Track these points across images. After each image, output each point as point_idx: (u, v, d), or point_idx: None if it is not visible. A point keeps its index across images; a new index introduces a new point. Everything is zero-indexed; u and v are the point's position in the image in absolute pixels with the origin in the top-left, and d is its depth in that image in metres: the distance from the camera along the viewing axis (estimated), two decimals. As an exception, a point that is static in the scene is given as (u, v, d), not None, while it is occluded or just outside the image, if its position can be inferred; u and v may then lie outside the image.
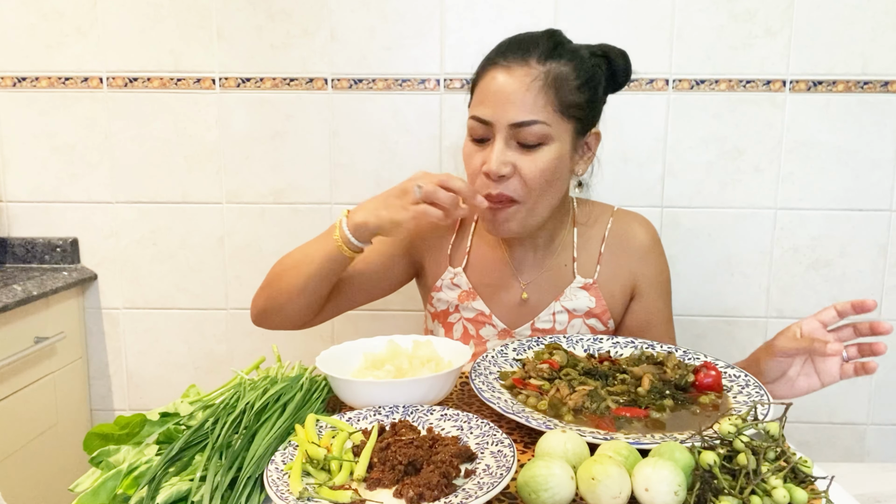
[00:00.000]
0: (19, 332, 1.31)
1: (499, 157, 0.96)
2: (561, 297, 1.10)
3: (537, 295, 1.10)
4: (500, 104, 0.96)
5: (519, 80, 0.96)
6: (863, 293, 1.49)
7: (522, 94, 0.95)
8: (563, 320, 1.10)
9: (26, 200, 1.51)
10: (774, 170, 1.46)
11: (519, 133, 0.96)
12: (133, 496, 0.61)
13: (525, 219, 1.01)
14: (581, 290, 1.10)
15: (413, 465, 0.62)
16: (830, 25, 1.41)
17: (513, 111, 0.95)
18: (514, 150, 0.97)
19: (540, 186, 0.99)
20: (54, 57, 1.46)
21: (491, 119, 0.97)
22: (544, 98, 0.96)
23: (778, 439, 0.60)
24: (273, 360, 0.91)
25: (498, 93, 0.96)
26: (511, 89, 0.95)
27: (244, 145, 1.49)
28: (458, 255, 1.15)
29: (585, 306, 1.09)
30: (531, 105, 0.95)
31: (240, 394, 0.76)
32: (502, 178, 0.97)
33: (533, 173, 0.97)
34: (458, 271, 1.14)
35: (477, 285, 1.13)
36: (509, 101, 0.95)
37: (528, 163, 0.97)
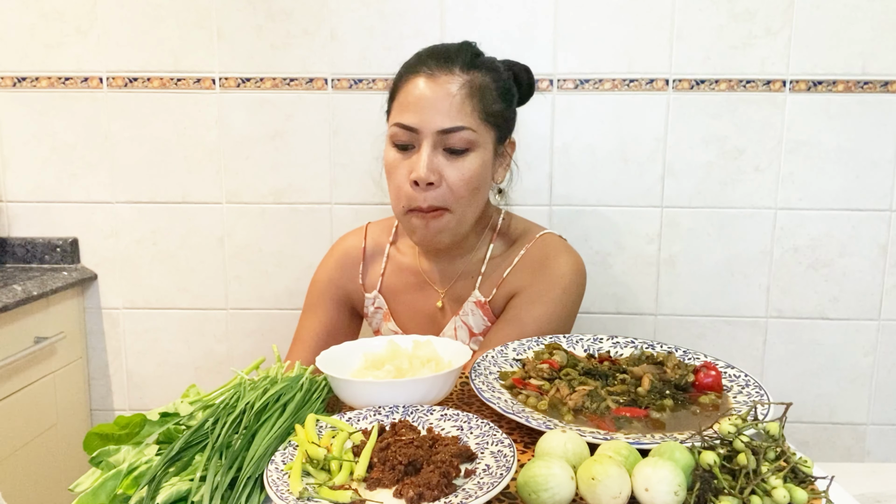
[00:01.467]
0: (19, 332, 1.31)
1: (427, 163, 0.95)
2: (461, 311, 1.09)
3: (448, 305, 1.11)
4: (427, 110, 0.96)
5: (444, 87, 0.96)
6: (863, 293, 1.49)
7: (449, 101, 0.96)
8: (464, 336, 1.09)
9: (26, 200, 1.51)
10: (774, 170, 1.46)
11: (447, 139, 0.96)
12: (133, 496, 0.61)
13: (456, 228, 1.01)
14: (476, 307, 1.08)
15: (413, 465, 0.62)
16: (830, 25, 1.41)
17: (440, 118, 0.95)
18: (440, 158, 0.97)
19: (467, 194, 0.99)
20: (54, 57, 1.46)
21: (417, 126, 0.96)
22: (470, 105, 0.97)
23: (778, 439, 0.60)
24: (273, 360, 0.91)
25: (424, 99, 0.96)
26: (438, 96, 0.96)
27: (244, 145, 1.49)
28: (372, 279, 1.16)
29: (480, 325, 1.08)
30: (458, 111, 0.96)
31: (240, 394, 0.76)
32: (430, 185, 0.96)
33: (460, 181, 0.97)
34: (375, 295, 1.15)
35: (392, 305, 1.14)
36: (436, 107, 0.95)
37: (454, 170, 0.97)
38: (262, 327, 1.55)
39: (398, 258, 1.16)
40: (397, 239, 1.18)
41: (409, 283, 1.14)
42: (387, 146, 1.03)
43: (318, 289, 1.18)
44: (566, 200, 1.48)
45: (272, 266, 1.53)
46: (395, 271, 1.15)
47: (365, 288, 1.17)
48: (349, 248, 1.18)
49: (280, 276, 1.53)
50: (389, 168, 1.01)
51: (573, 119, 1.46)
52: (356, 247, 1.18)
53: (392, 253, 1.17)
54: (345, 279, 1.17)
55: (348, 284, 1.18)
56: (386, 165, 1.02)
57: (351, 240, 1.19)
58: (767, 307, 1.51)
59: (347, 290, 1.18)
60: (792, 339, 1.52)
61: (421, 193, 0.97)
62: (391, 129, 1.00)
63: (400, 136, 0.99)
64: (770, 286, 1.50)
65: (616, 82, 1.45)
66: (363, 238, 1.18)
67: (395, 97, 1.02)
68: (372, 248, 1.18)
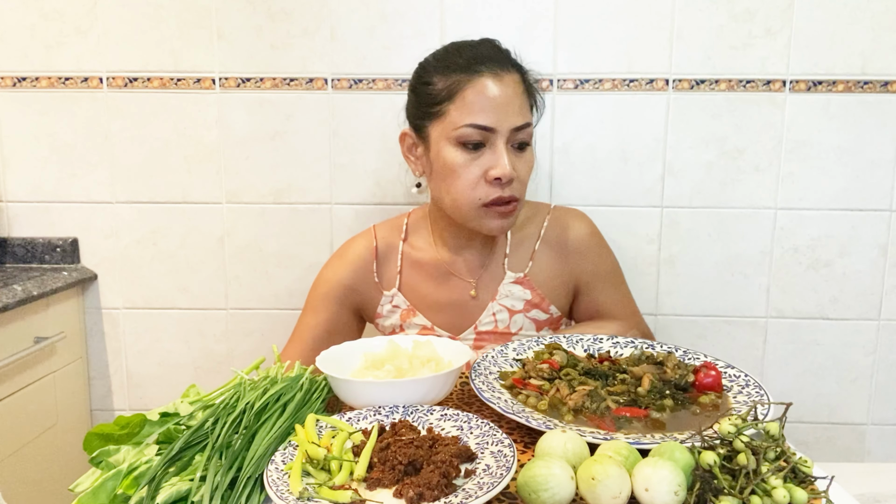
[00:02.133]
0: (19, 332, 1.31)
1: (509, 161, 1.00)
2: (497, 296, 1.13)
3: (481, 293, 1.14)
4: (501, 110, 0.99)
5: (511, 86, 1.01)
6: (863, 293, 1.49)
7: (518, 99, 1.02)
8: (504, 318, 1.12)
9: (26, 200, 1.51)
10: (774, 170, 1.46)
11: (517, 136, 1.02)
12: (133, 496, 0.61)
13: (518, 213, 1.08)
14: (514, 286, 1.13)
15: (413, 465, 0.62)
16: (830, 25, 1.41)
17: (513, 116, 1.00)
18: (511, 154, 1.02)
19: (527, 182, 1.06)
20: (54, 57, 1.46)
21: (494, 125, 0.99)
22: (528, 101, 1.05)
23: (778, 439, 0.60)
24: (273, 360, 0.91)
25: (496, 99, 1.00)
26: (508, 95, 1.00)
27: (244, 145, 1.49)
28: (388, 278, 1.18)
29: (521, 300, 1.13)
30: (525, 108, 1.03)
31: (240, 394, 0.76)
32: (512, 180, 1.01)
33: (526, 173, 1.05)
34: (393, 293, 1.16)
35: (416, 301, 1.15)
36: (509, 106, 1.00)
37: (522, 164, 1.04)
38: (262, 327, 1.55)
39: (414, 255, 1.17)
40: (408, 236, 1.19)
41: (433, 277, 1.15)
42: (446, 147, 1.03)
43: (323, 289, 1.18)
44: (566, 200, 1.48)
45: (272, 266, 1.53)
46: (413, 267, 1.16)
47: (382, 287, 1.17)
48: (360, 249, 1.18)
49: (280, 276, 1.53)
50: (457, 167, 1.02)
51: (573, 119, 1.46)
52: (367, 247, 1.18)
53: (406, 250, 1.18)
54: (357, 281, 1.17)
55: (360, 286, 1.18)
56: (451, 166, 1.02)
57: (360, 241, 1.20)
58: (767, 307, 1.51)
59: (359, 292, 1.18)
60: (792, 339, 1.52)
61: (500, 188, 1.01)
62: (460, 130, 1.00)
63: (473, 136, 1.00)
64: (770, 286, 1.50)
65: (616, 82, 1.45)
66: (373, 238, 1.19)
67: (454, 99, 1.01)
68: (384, 247, 1.18)
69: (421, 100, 1.07)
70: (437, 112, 1.04)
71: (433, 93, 1.04)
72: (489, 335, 1.13)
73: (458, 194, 1.03)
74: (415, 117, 1.10)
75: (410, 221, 1.21)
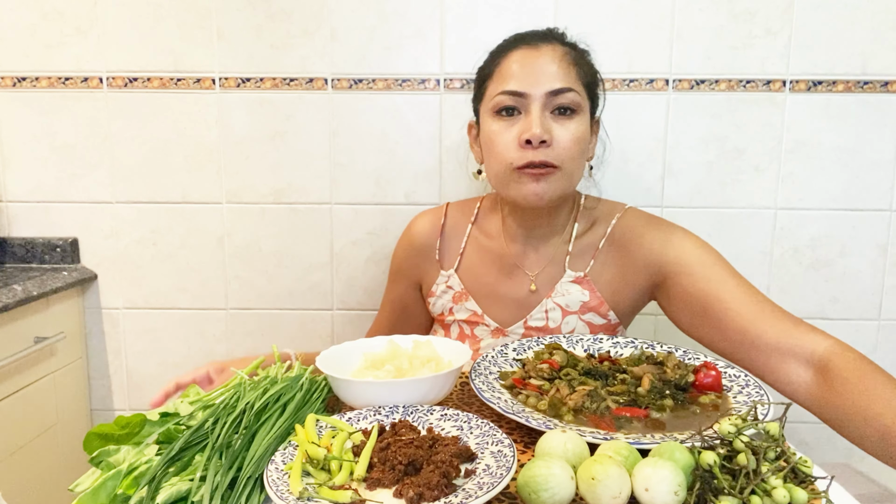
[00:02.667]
0: (19, 332, 1.31)
1: (539, 122, 0.98)
2: (552, 294, 1.09)
3: (541, 287, 1.10)
4: (535, 75, 1.00)
5: (549, 53, 1.01)
6: (863, 293, 1.49)
7: (557, 64, 1.00)
8: (557, 317, 1.08)
9: (26, 200, 1.51)
10: (774, 170, 1.46)
11: (555, 100, 1.00)
12: (133, 496, 0.61)
13: (562, 185, 1.02)
14: (572, 285, 1.08)
15: (413, 465, 0.62)
16: (830, 25, 1.41)
17: (548, 80, 1.00)
18: (548, 120, 1.00)
19: (574, 155, 1.01)
20: (54, 57, 1.46)
21: (525, 90, 1.00)
22: (575, 70, 1.02)
23: (778, 439, 0.60)
24: (273, 360, 0.91)
25: (531, 65, 1.01)
26: (545, 61, 1.01)
27: (244, 145, 1.49)
28: (449, 257, 1.17)
29: (578, 301, 1.08)
30: (565, 73, 1.01)
31: (240, 394, 0.76)
32: (543, 143, 0.98)
33: (568, 141, 1.00)
34: (450, 273, 1.15)
35: (471, 286, 1.14)
36: (544, 70, 1.00)
37: (563, 131, 1.00)
38: (262, 327, 1.55)
39: (480, 239, 1.16)
40: (479, 219, 1.18)
41: (494, 266, 1.13)
42: (486, 121, 1.05)
43: (394, 264, 1.24)
44: (566, 200, 1.48)
45: (272, 266, 1.53)
46: (477, 251, 1.15)
47: (441, 266, 1.17)
48: (426, 225, 1.20)
49: (280, 276, 1.53)
50: (494, 137, 1.03)
51: (573, 119, 1.46)
52: (434, 224, 1.19)
53: (473, 233, 1.17)
54: (420, 257, 1.19)
55: (423, 263, 1.19)
56: (488, 137, 1.04)
57: (428, 217, 1.21)
58: (767, 307, 1.51)
59: (420, 268, 1.20)
60: (792, 339, 1.51)
61: (532, 151, 0.99)
62: (495, 99, 1.02)
63: (506, 102, 1.01)
64: (770, 286, 1.50)
65: (616, 82, 1.45)
66: (443, 215, 1.20)
67: (492, 76, 1.05)
68: (452, 226, 1.19)
69: (475, 85, 1.11)
70: (483, 91, 1.07)
71: (481, 75, 1.09)
72: (537, 332, 1.09)
73: (495, 161, 1.03)
74: (474, 103, 1.12)
75: (483, 206, 1.20)
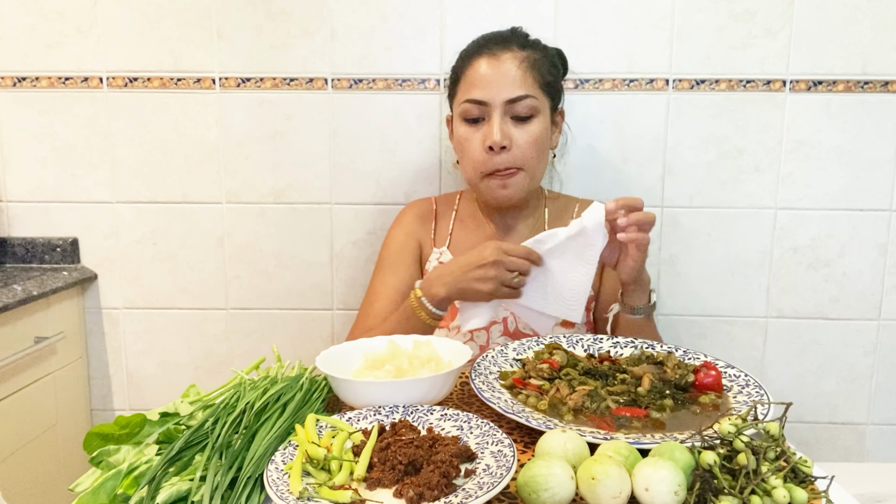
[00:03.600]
0: (19, 332, 1.31)
1: (499, 129, 1.09)
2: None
3: None
4: (495, 84, 1.10)
5: (507, 62, 1.11)
6: (863, 293, 1.49)
7: (514, 73, 1.10)
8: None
9: (26, 200, 1.51)
10: (774, 170, 1.46)
11: (514, 108, 1.10)
12: (133, 496, 0.61)
13: (528, 183, 1.14)
14: None
15: (413, 465, 0.62)
16: (830, 25, 1.41)
17: (507, 89, 1.10)
18: (509, 125, 1.11)
19: (536, 154, 1.12)
20: (54, 57, 1.46)
21: (487, 99, 1.10)
22: (531, 76, 1.11)
23: (778, 439, 0.60)
24: (273, 360, 0.91)
25: (490, 75, 1.11)
26: (503, 70, 1.10)
27: (244, 145, 1.49)
28: (441, 236, 1.28)
29: None
30: (521, 82, 1.10)
31: (240, 394, 0.76)
32: (503, 149, 1.10)
33: (528, 143, 1.11)
34: (442, 250, 1.26)
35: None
36: (503, 80, 1.10)
37: (523, 134, 1.11)
38: (262, 327, 1.55)
39: (465, 221, 1.29)
40: (460, 208, 1.31)
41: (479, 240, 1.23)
42: (456, 125, 1.17)
43: (395, 246, 1.28)
44: (566, 200, 1.48)
45: (272, 266, 1.53)
46: (462, 230, 1.27)
47: (435, 243, 1.27)
48: (423, 207, 1.31)
49: (280, 276, 1.53)
50: (462, 142, 1.15)
51: (573, 119, 1.46)
52: (428, 207, 1.31)
53: (458, 217, 1.29)
54: (421, 232, 1.29)
55: (424, 238, 1.29)
56: (459, 140, 1.16)
57: (421, 202, 1.33)
58: (767, 307, 1.51)
59: (422, 245, 1.29)
60: (792, 339, 1.52)
61: (495, 157, 1.10)
62: (462, 106, 1.14)
63: (471, 111, 1.12)
64: (770, 286, 1.50)
65: (616, 82, 1.45)
66: (433, 202, 1.32)
67: (460, 80, 1.15)
68: (442, 208, 1.31)
69: (449, 83, 1.22)
70: (453, 93, 1.19)
71: (452, 76, 1.19)
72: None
73: (467, 166, 1.16)
74: (449, 99, 1.23)
75: (462, 196, 1.32)
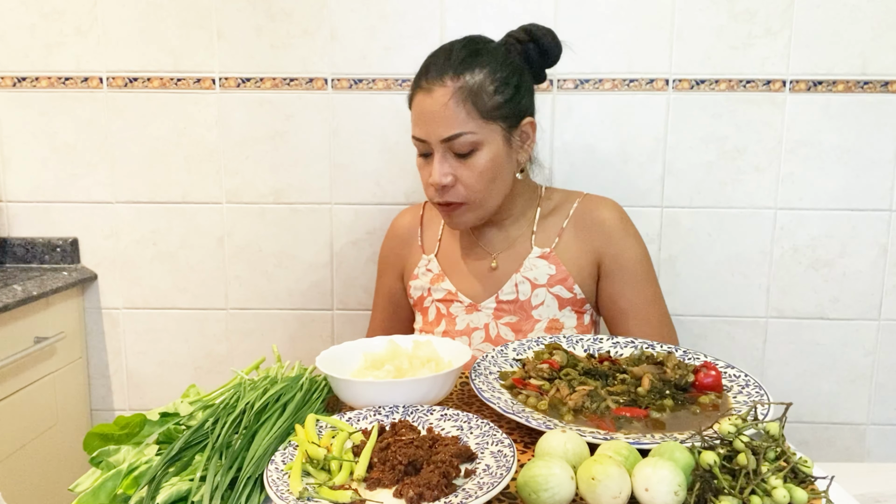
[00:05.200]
0: (19, 332, 1.31)
1: (438, 170, 1.07)
2: (521, 269, 1.16)
3: (504, 265, 1.18)
4: (429, 123, 1.06)
5: (438, 99, 1.05)
6: (863, 293, 1.49)
7: (444, 112, 1.04)
8: (526, 290, 1.15)
9: (26, 200, 1.51)
10: (774, 170, 1.46)
11: (451, 146, 1.06)
12: (133, 496, 0.61)
13: (476, 213, 1.11)
14: (539, 260, 1.16)
15: (413, 465, 0.62)
16: (830, 25, 1.41)
17: (440, 128, 1.05)
18: (452, 161, 1.07)
19: (483, 186, 1.08)
20: (54, 57, 1.46)
21: (425, 137, 1.07)
22: (464, 111, 1.04)
23: (778, 439, 0.60)
24: (273, 360, 0.91)
25: (424, 114, 1.06)
26: (434, 109, 1.05)
27: (244, 145, 1.49)
28: (430, 243, 1.26)
29: (546, 274, 1.15)
30: (453, 119, 1.04)
31: (240, 394, 0.76)
32: (445, 187, 1.07)
33: (472, 178, 1.07)
34: (430, 258, 1.24)
35: (446, 267, 1.22)
36: (435, 120, 1.05)
37: (465, 170, 1.07)
38: (262, 327, 1.55)
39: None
40: None
41: (466, 248, 1.22)
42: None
43: (382, 262, 1.32)
44: (566, 200, 1.48)
45: (272, 266, 1.53)
46: (451, 236, 1.25)
47: (423, 250, 1.25)
48: (407, 218, 1.30)
49: (280, 276, 1.53)
50: (419, 170, 1.13)
51: (573, 119, 1.46)
52: (414, 215, 1.30)
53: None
54: (403, 247, 1.28)
55: (406, 251, 1.28)
56: (418, 167, 1.13)
57: (409, 211, 1.32)
58: (767, 307, 1.51)
59: (404, 257, 1.28)
60: (792, 339, 1.52)
61: (439, 193, 1.08)
62: (413, 139, 1.10)
63: (419, 147, 1.10)
64: (770, 286, 1.50)
65: (616, 82, 1.45)
66: (421, 208, 1.31)
67: (411, 110, 1.11)
68: (429, 217, 1.28)
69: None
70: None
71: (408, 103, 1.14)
72: (509, 304, 1.15)
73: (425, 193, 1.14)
74: None
75: None
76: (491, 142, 1.06)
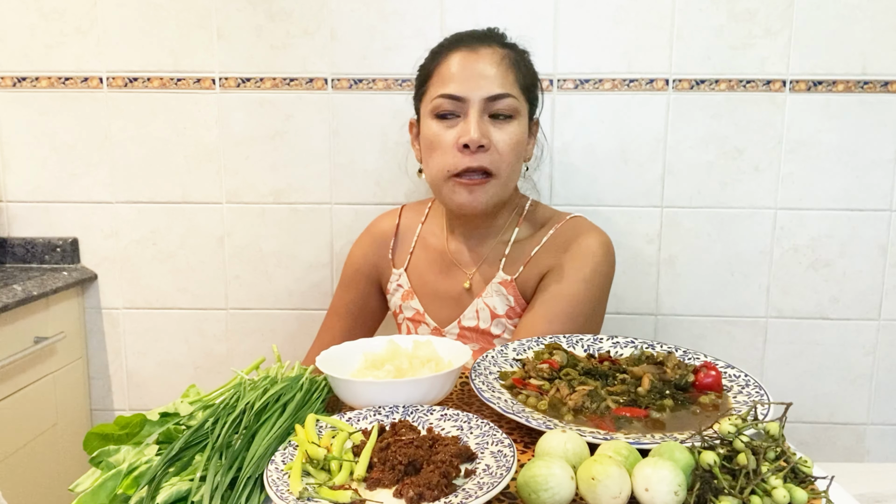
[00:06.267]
0: (19, 332, 1.31)
1: (477, 127, 0.99)
2: (484, 294, 1.11)
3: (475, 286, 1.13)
4: (473, 80, 1.00)
5: (488, 57, 1.02)
6: (863, 293, 1.49)
7: (495, 68, 1.01)
8: (486, 318, 1.10)
9: (26, 200, 1.51)
10: (774, 170, 1.46)
11: (493, 105, 1.01)
12: (133, 496, 0.61)
13: (498, 193, 1.04)
14: (500, 286, 1.10)
15: (413, 465, 0.62)
16: (830, 25, 1.41)
17: (487, 85, 1.00)
18: (487, 125, 1.01)
19: (511, 159, 1.03)
20: (54, 57, 1.46)
21: (464, 94, 1.00)
22: (512, 74, 1.03)
23: (778, 439, 0.60)
24: (273, 360, 0.91)
25: (469, 69, 1.01)
26: (483, 65, 1.01)
27: (244, 145, 1.49)
28: (401, 256, 1.21)
29: (505, 305, 1.09)
30: (503, 79, 1.01)
31: (240, 394, 0.76)
32: (481, 148, 1.00)
33: (507, 145, 1.02)
34: (400, 272, 1.19)
35: (416, 285, 1.17)
36: (483, 75, 1.00)
37: (501, 135, 1.01)
38: (262, 327, 1.55)
39: (427, 238, 1.20)
40: (428, 219, 1.23)
41: (435, 264, 1.16)
42: (425, 123, 1.06)
43: (352, 266, 1.26)
44: (566, 200, 1.48)
45: (272, 266, 1.53)
46: (423, 251, 1.18)
47: (394, 264, 1.21)
48: (382, 226, 1.25)
49: (280, 276, 1.53)
50: (433, 139, 1.04)
51: (573, 119, 1.46)
52: (389, 224, 1.25)
53: (423, 233, 1.21)
54: (377, 256, 1.24)
55: (380, 262, 1.24)
56: (430, 137, 1.05)
57: (385, 219, 1.26)
58: (767, 307, 1.51)
59: (378, 267, 1.24)
60: (792, 339, 1.52)
61: (469, 156, 1.00)
62: (433, 102, 1.03)
63: (444, 106, 1.02)
64: (770, 286, 1.50)
65: (616, 82, 1.45)
66: (397, 217, 1.25)
67: (432, 76, 1.06)
68: (404, 227, 1.23)
69: (416, 83, 1.12)
70: (424, 90, 1.08)
71: (422, 74, 1.10)
72: (470, 331, 1.12)
73: (433, 165, 1.05)
74: (415, 101, 1.14)
75: (433, 206, 1.25)
76: (523, 116, 1.05)
